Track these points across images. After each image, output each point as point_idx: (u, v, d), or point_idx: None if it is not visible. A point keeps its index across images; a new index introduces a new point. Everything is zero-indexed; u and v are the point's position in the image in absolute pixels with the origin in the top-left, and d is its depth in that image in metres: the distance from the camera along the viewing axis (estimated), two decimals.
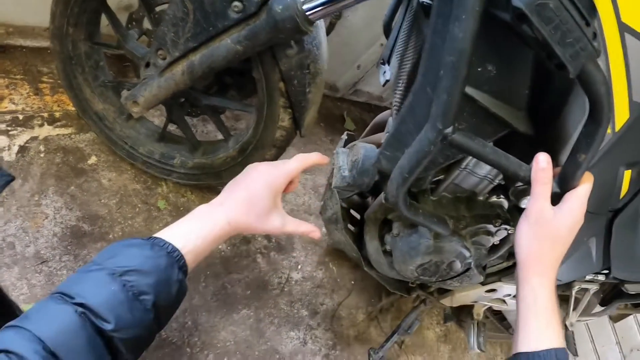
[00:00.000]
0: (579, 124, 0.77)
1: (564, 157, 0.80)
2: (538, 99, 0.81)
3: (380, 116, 1.30)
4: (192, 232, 0.76)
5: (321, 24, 1.06)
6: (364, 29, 1.81)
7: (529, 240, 0.76)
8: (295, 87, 1.06)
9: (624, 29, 0.70)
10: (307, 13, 0.88)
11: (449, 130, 0.73)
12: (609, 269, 1.17)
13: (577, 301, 1.44)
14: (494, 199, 1.15)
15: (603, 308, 1.48)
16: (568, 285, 1.36)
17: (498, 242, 1.15)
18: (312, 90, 1.09)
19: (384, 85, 1.16)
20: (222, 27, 0.94)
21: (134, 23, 1.29)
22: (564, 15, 0.61)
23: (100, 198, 1.44)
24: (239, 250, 1.54)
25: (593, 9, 0.67)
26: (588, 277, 1.29)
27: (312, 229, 0.95)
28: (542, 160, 0.74)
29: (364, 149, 1.09)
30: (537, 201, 0.74)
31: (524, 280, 0.76)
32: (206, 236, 0.77)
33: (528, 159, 0.81)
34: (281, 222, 0.89)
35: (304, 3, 0.88)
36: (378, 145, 1.16)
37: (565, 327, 1.51)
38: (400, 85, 1.03)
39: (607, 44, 0.71)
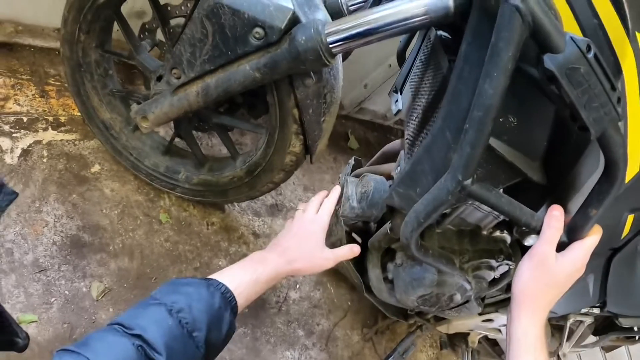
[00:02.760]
0: (590, 176, 0.79)
1: (573, 206, 0.82)
2: (554, 151, 0.82)
3: (389, 146, 1.30)
4: (245, 275, 0.84)
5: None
6: (373, 48, 1.78)
7: (528, 280, 0.79)
8: (311, 115, 1.05)
9: None
10: (331, 46, 0.87)
11: (469, 182, 0.73)
12: (604, 302, 1.19)
13: (571, 332, 1.46)
14: (497, 233, 1.15)
15: (596, 339, 1.51)
16: (563, 317, 1.38)
17: (499, 276, 1.16)
18: (326, 119, 1.08)
19: (395, 114, 1.15)
20: (241, 53, 0.93)
21: (146, 33, 1.28)
22: (593, 81, 0.62)
23: (102, 208, 1.43)
24: None
25: (619, 72, 0.68)
26: (583, 310, 1.32)
27: (353, 249, 1.04)
28: (557, 208, 0.78)
29: (375, 181, 1.09)
30: (544, 245, 0.77)
31: (516, 317, 0.79)
32: (257, 280, 0.85)
33: (537, 206, 0.83)
34: (332, 257, 1.00)
35: (328, 35, 0.86)
36: (387, 176, 1.15)
37: (558, 357, 1.53)
38: (413, 119, 1.02)
39: (629, 106, 0.73)
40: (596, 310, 1.32)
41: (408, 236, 0.86)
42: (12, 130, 1.45)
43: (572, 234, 0.79)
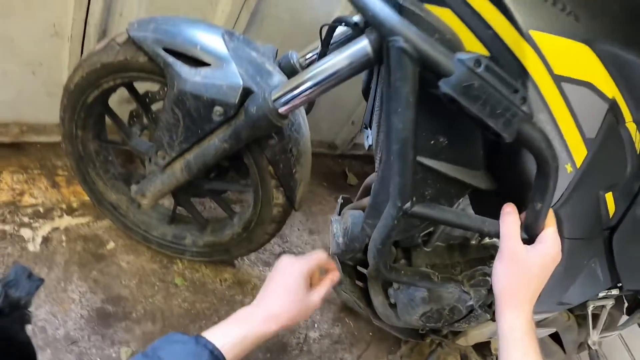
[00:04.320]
0: (534, 172, 0.89)
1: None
2: (495, 156, 0.95)
3: (369, 179, 1.48)
4: (232, 332, 0.90)
5: (300, 109, 1.27)
6: (351, 86, 1.99)
7: (504, 277, 0.89)
8: (282, 169, 1.25)
9: (558, 79, 0.83)
10: (279, 110, 1.08)
11: (407, 205, 0.89)
12: (619, 282, 1.27)
13: (596, 319, 1.55)
14: (486, 240, 1.31)
15: (628, 317, 1.59)
16: (583, 306, 1.48)
17: None
18: (298, 170, 1.28)
19: (368, 149, 1.34)
20: (208, 130, 1.14)
21: (135, 119, 1.51)
22: (489, 92, 0.74)
23: (121, 280, 1.63)
24: None
25: (523, 74, 0.81)
26: (601, 295, 1.41)
27: (332, 279, 1.09)
28: (506, 206, 0.90)
29: (352, 216, 1.27)
30: (506, 242, 0.88)
31: (500, 314, 0.89)
32: (245, 336, 0.90)
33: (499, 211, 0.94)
34: (317, 297, 1.02)
35: (274, 100, 1.07)
36: (364, 209, 1.34)
37: (588, 347, 1.61)
38: (378, 153, 1.22)
39: (547, 98, 0.84)
40: (615, 292, 1.40)
41: (374, 263, 1.04)
42: (31, 221, 1.66)
43: (529, 230, 0.90)
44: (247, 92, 1.09)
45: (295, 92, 1.04)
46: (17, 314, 0.86)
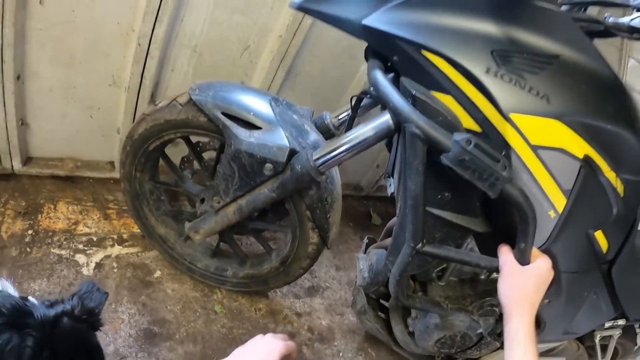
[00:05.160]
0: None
1: None
2: (490, 207, 1.34)
3: (390, 222, 1.87)
4: None
5: None
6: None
7: (507, 290, 1.27)
8: (319, 214, 1.65)
9: (535, 148, 1.21)
10: (319, 167, 1.48)
11: (419, 245, 1.29)
12: (623, 312, 1.63)
13: (604, 349, 1.90)
14: (494, 275, 1.64)
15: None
16: (591, 336, 1.85)
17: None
18: (331, 214, 1.68)
19: (391, 196, 1.73)
20: (259, 181, 1.54)
21: (186, 164, 1.92)
22: (477, 163, 1.13)
23: (167, 305, 2.03)
24: None
25: (506, 146, 1.19)
26: (607, 325, 1.78)
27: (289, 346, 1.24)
28: (502, 245, 1.32)
29: (376, 254, 1.66)
30: (505, 264, 1.28)
31: (508, 320, 1.24)
32: None
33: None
34: None
35: (315, 160, 1.47)
36: (387, 248, 1.72)
37: None
38: (399, 201, 1.60)
39: (527, 163, 1.22)
40: (622, 322, 1.77)
41: (394, 291, 1.43)
42: (86, 248, 2.09)
43: (520, 263, 1.28)
44: (292, 152, 1.49)
45: (332, 154, 1.45)
46: (91, 320, 1.15)
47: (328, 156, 1.46)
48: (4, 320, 0.99)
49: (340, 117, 1.72)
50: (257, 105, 1.60)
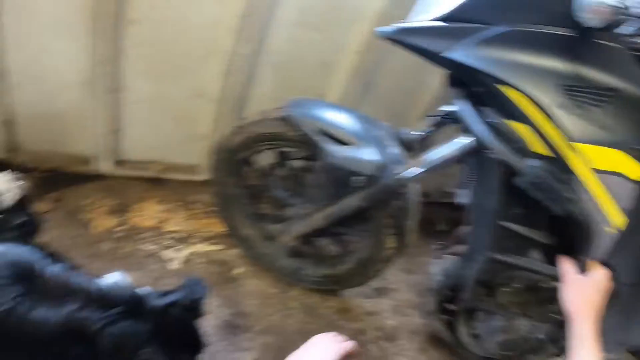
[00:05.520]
0: None
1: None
2: (554, 221, 1.60)
3: (461, 229, 2.11)
4: None
5: None
6: None
7: (570, 296, 1.52)
8: (399, 222, 1.92)
9: (595, 172, 1.45)
10: (405, 182, 1.75)
11: (493, 255, 1.57)
12: None
13: None
14: (555, 284, 1.85)
15: None
16: None
17: (563, 319, 1.79)
18: (410, 222, 1.95)
19: (461, 206, 1.98)
20: (349, 192, 1.83)
21: (272, 171, 2.21)
22: (546, 185, 1.42)
23: (247, 299, 2.31)
24: (356, 340, 2.30)
25: (571, 170, 1.44)
26: None
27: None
28: (564, 258, 1.57)
29: (450, 260, 1.93)
30: (567, 274, 1.54)
31: (574, 324, 1.47)
32: None
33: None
34: None
35: (402, 175, 1.73)
36: (459, 254, 1.97)
37: None
38: (472, 212, 1.85)
39: (588, 185, 1.46)
40: None
41: (469, 294, 1.71)
42: (174, 245, 2.41)
43: (581, 273, 1.54)
44: (380, 167, 1.75)
45: (417, 172, 1.72)
46: (195, 310, 1.36)
47: (414, 171, 1.72)
48: (123, 308, 1.18)
49: (419, 133, 1.97)
50: (346, 122, 1.88)
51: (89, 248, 2.31)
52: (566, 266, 1.56)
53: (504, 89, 1.44)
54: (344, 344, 1.39)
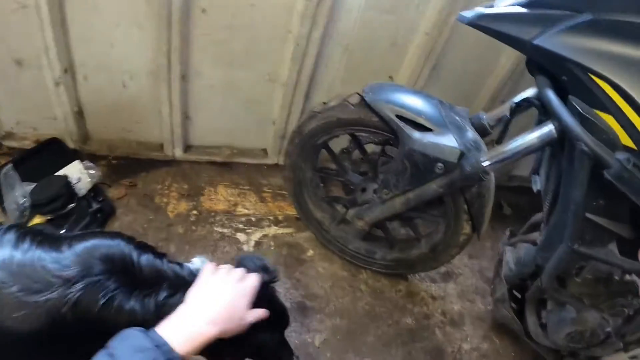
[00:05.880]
0: None
1: None
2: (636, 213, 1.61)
3: (534, 217, 2.14)
4: (182, 331, 1.08)
5: None
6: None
7: None
8: (476, 208, 1.96)
9: None
10: (487, 169, 1.77)
11: (576, 246, 1.59)
12: None
13: None
14: (627, 277, 1.89)
15: None
16: None
17: (632, 313, 1.88)
18: (487, 208, 1.98)
19: (536, 192, 1.99)
20: (429, 178, 1.86)
21: (345, 155, 2.26)
22: (634, 179, 1.42)
23: (318, 281, 2.40)
24: (421, 324, 2.40)
25: None
26: None
27: (262, 313, 1.29)
28: None
29: (525, 248, 1.96)
30: None
31: None
32: (192, 336, 1.08)
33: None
34: (251, 318, 1.24)
35: (484, 162, 1.76)
36: (533, 242, 2.00)
37: None
38: (547, 200, 1.87)
39: None
40: None
41: (547, 283, 1.73)
42: (245, 228, 2.51)
43: None
44: (462, 155, 1.77)
45: (500, 158, 1.74)
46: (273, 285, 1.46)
47: (496, 159, 1.75)
48: None
49: (495, 116, 1.98)
50: (426, 108, 1.91)
51: (163, 232, 2.42)
52: None
53: (593, 79, 1.46)
54: (257, 278, 1.32)
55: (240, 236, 2.48)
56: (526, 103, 1.86)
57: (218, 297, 1.19)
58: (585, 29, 1.48)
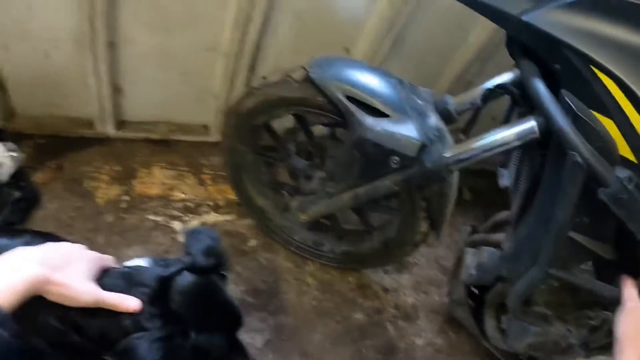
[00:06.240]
0: None
1: None
2: (622, 235, 1.28)
3: (499, 216, 1.79)
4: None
5: None
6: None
7: (625, 326, 1.22)
8: (435, 208, 1.59)
9: None
10: (451, 167, 1.40)
11: (553, 270, 1.26)
12: None
13: None
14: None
15: None
16: None
17: (598, 324, 1.59)
18: (447, 208, 1.62)
19: (503, 187, 1.65)
20: (382, 173, 1.48)
21: (290, 137, 1.86)
22: (633, 203, 1.09)
23: (260, 275, 2.03)
24: (372, 319, 2.06)
25: None
26: None
27: (125, 301, 0.94)
28: (627, 278, 1.25)
29: (488, 253, 1.61)
30: (629, 301, 1.23)
31: (619, 354, 1.19)
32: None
33: (614, 276, 1.30)
34: (95, 290, 0.91)
35: (448, 159, 1.39)
36: (497, 245, 1.65)
37: None
38: (517, 203, 1.52)
39: None
40: None
41: (512, 306, 1.39)
42: (181, 215, 2.11)
43: None
44: (422, 146, 1.40)
45: (468, 154, 1.37)
46: (216, 266, 1.06)
47: (462, 156, 1.39)
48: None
49: (463, 103, 1.59)
50: (384, 89, 1.52)
51: (92, 221, 2.02)
52: (630, 289, 1.25)
53: (596, 74, 1.09)
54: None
55: (176, 224, 2.08)
56: (502, 90, 1.48)
57: (48, 246, 0.92)
58: (593, 8, 1.10)
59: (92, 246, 1.02)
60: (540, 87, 1.18)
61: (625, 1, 1.07)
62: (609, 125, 1.11)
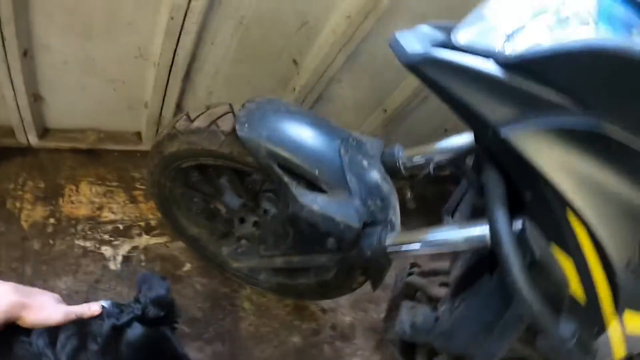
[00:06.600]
0: None
1: None
2: None
3: (439, 264, 1.62)
4: None
5: None
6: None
7: None
8: (374, 273, 1.38)
9: (626, 335, 1.02)
10: (390, 255, 1.21)
11: None
12: None
13: None
14: None
15: None
16: None
17: None
18: (387, 271, 1.42)
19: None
20: (317, 250, 1.28)
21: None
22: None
23: (196, 302, 1.84)
24: (309, 341, 1.92)
25: (603, 328, 0.99)
26: None
27: (91, 307, 0.99)
28: None
29: (423, 316, 1.43)
30: None
31: None
32: None
33: None
34: (65, 307, 0.96)
35: (389, 247, 1.19)
36: (435, 305, 1.47)
37: None
38: (456, 270, 1.35)
39: (614, 345, 1.03)
40: None
41: None
42: (112, 239, 1.87)
43: None
44: (361, 233, 1.19)
45: (409, 248, 1.18)
46: (166, 318, 1.02)
47: (404, 248, 1.19)
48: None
49: (414, 159, 1.37)
50: (324, 157, 1.28)
51: (18, 249, 1.76)
52: None
53: (569, 219, 0.87)
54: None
55: (106, 250, 1.84)
56: (454, 170, 1.27)
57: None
58: (583, 140, 0.83)
59: (21, 278, 1.06)
60: (501, 226, 0.92)
61: (627, 146, 0.81)
62: (566, 264, 0.93)
